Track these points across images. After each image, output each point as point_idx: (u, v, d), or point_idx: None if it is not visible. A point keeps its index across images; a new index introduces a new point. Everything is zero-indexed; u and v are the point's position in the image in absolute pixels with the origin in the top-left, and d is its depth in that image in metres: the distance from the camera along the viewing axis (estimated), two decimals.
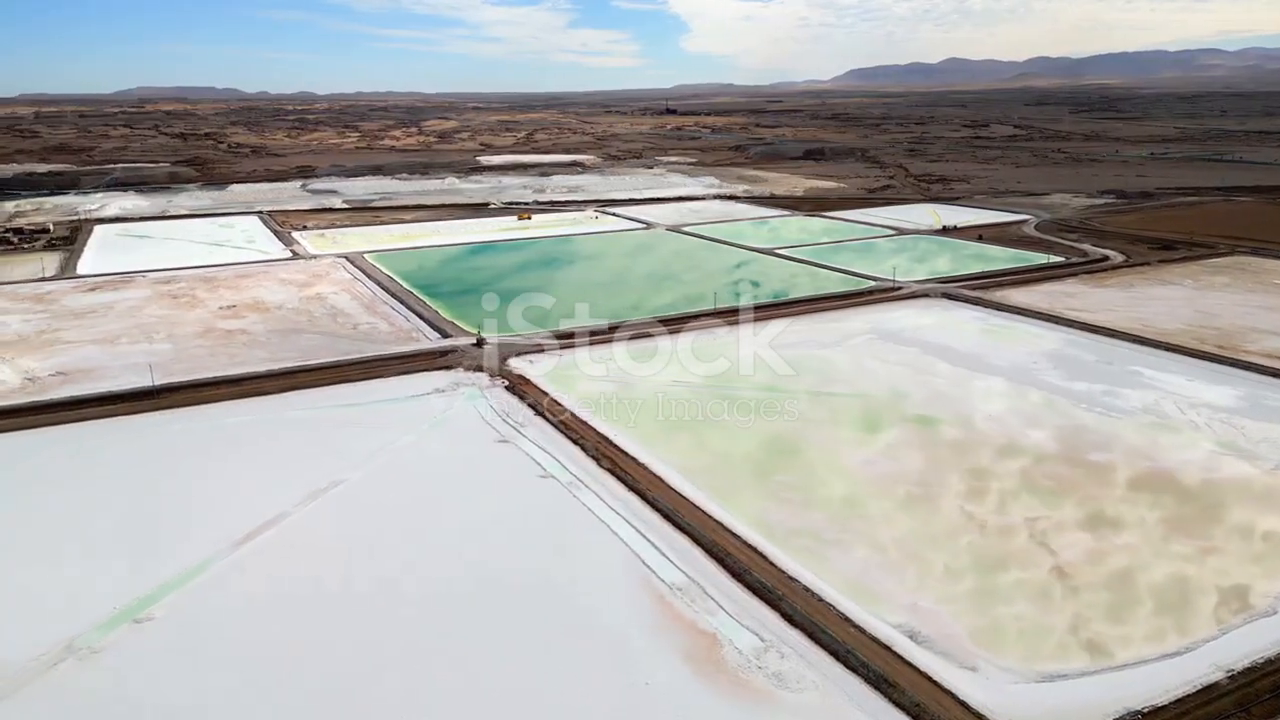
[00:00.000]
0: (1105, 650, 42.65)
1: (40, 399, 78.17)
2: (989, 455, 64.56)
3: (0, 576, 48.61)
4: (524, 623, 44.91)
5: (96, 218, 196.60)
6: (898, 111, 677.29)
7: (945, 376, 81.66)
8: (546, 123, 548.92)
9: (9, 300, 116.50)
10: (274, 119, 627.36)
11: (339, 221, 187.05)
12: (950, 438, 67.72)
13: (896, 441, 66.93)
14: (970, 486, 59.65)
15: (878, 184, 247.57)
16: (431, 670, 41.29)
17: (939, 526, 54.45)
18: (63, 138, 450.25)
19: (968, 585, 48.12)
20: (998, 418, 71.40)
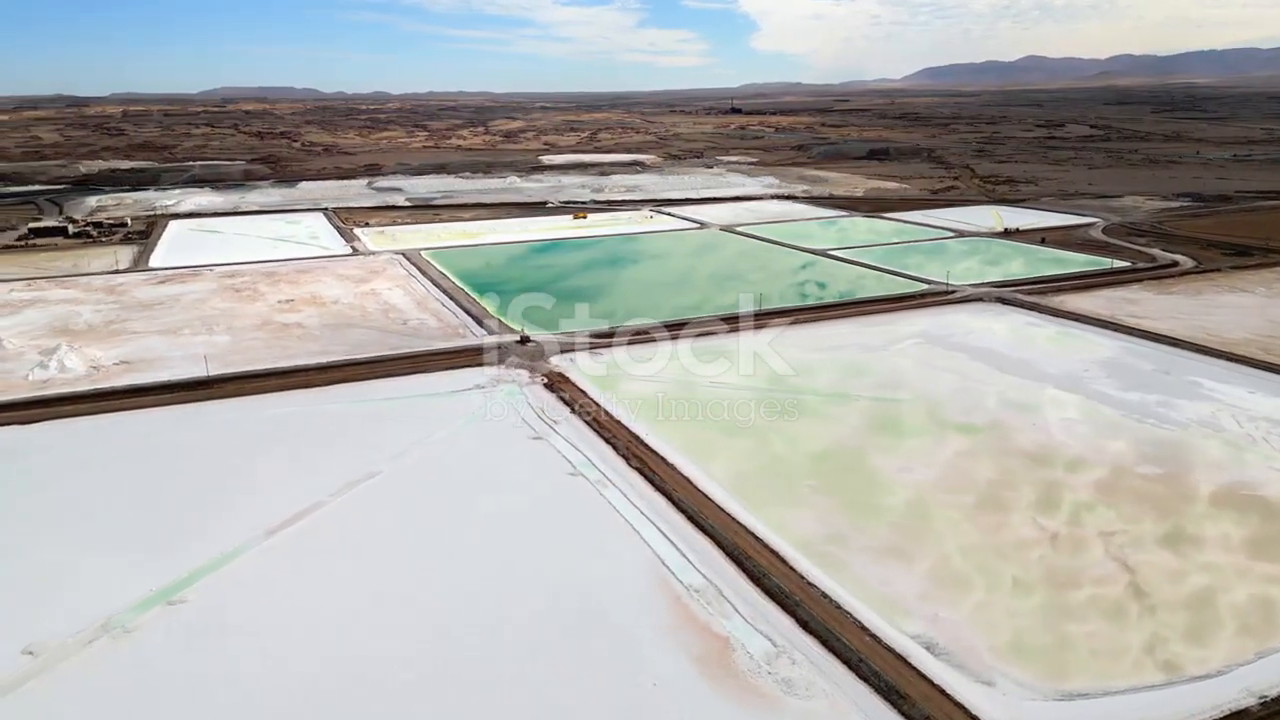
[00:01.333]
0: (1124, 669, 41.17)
1: (102, 386, 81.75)
2: (1022, 464, 62.79)
3: (44, 557, 50.99)
4: (537, 618, 45.32)
5: (172, 213, 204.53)
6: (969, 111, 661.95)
7: (990, 383, 79.63)
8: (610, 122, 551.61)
9: (83, 291, 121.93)
10: (347, 118, 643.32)
11: (400, 219, 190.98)
12: (984, 446, 66.04)
13: (928, 449, 65.55)
14: (996, 496, 58.11)
15: (941, 185, 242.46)
16: (440, 659, 41.98)
17: (963, 536, 53.18)
18: (147, 136, 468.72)
19: (989, 597, 46.92)
20: (1040, 427, 69.36)
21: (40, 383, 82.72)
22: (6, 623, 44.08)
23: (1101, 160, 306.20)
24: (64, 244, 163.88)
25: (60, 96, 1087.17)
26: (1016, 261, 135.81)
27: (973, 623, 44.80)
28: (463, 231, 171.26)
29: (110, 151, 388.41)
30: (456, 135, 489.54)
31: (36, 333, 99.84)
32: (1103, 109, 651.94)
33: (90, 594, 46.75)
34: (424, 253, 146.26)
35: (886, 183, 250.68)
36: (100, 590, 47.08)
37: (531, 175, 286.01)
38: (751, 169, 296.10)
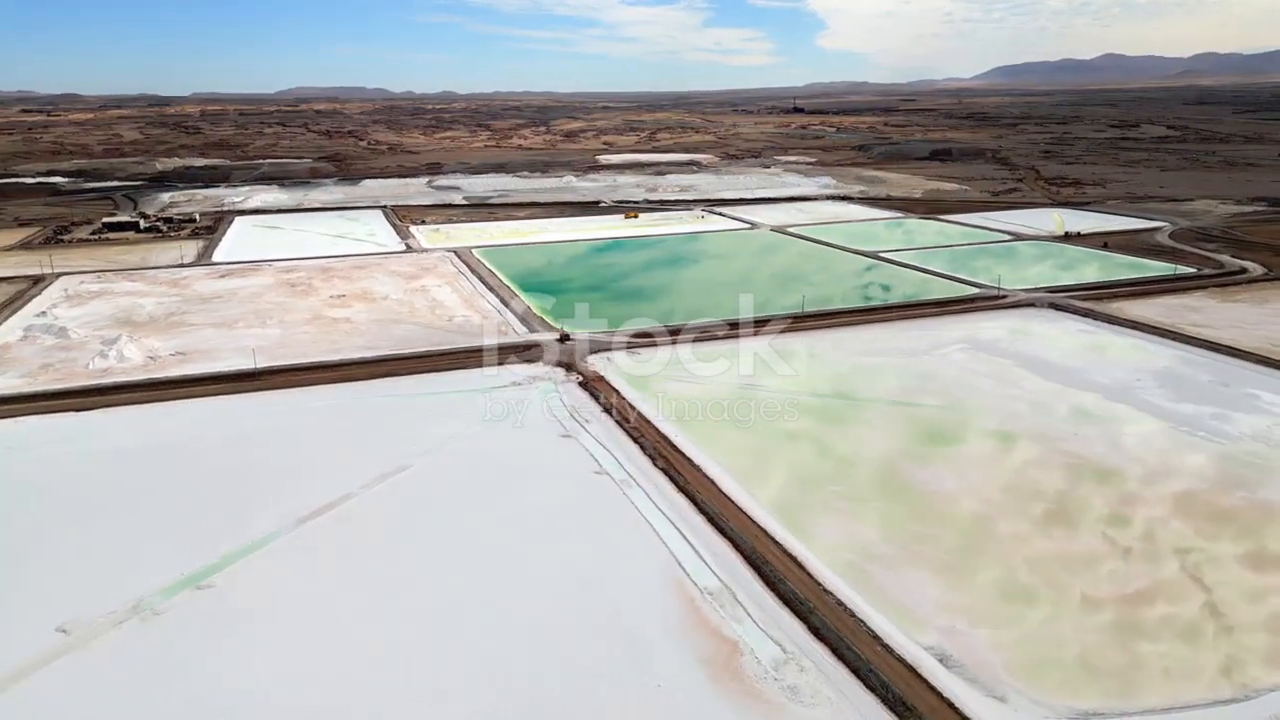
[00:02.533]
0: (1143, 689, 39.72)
1: (157, 376, 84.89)
2: (1057, 475, 60.97)
3: (83, 540, 53.24)
4: (548, 615, 45.67)
5: (239, 209, 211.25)
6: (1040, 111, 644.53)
7: (1033, 391, 77.53)
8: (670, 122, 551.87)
9: (149, 284, 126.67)
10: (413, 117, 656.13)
11: (455, 217, 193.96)
12: (1019, 456, 64.35)
13: (961, 457, 64.15)
14: (1023, 508, 56.55)
15: (1004, 187, 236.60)
16: (447, 650, 42.61)
17: (987, 547, 51.92)
18: (222, 134, 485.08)
19: (1011, 611, 45.73)
20: (1081, 437, 67.29)
21: (100, 371, 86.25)
22: (43, 601, 46.13)
23: (1175, 162, 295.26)
24: (135, 238, 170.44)
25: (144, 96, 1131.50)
26: (1074, 266, 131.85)
27: (991, 636, 43.72)
28: (514, 230, 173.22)
29: (186, 149, 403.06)
30: (518, 135, 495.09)
31: (101, 323, 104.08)
32: (1181, 109, 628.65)
33: (124, 576, 48.62)
34: (475, 251, 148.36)
35: (946, 184, 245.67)
36: (133, 573, 48.93)
37: (588, 174, 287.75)
38: (809, 169, 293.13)
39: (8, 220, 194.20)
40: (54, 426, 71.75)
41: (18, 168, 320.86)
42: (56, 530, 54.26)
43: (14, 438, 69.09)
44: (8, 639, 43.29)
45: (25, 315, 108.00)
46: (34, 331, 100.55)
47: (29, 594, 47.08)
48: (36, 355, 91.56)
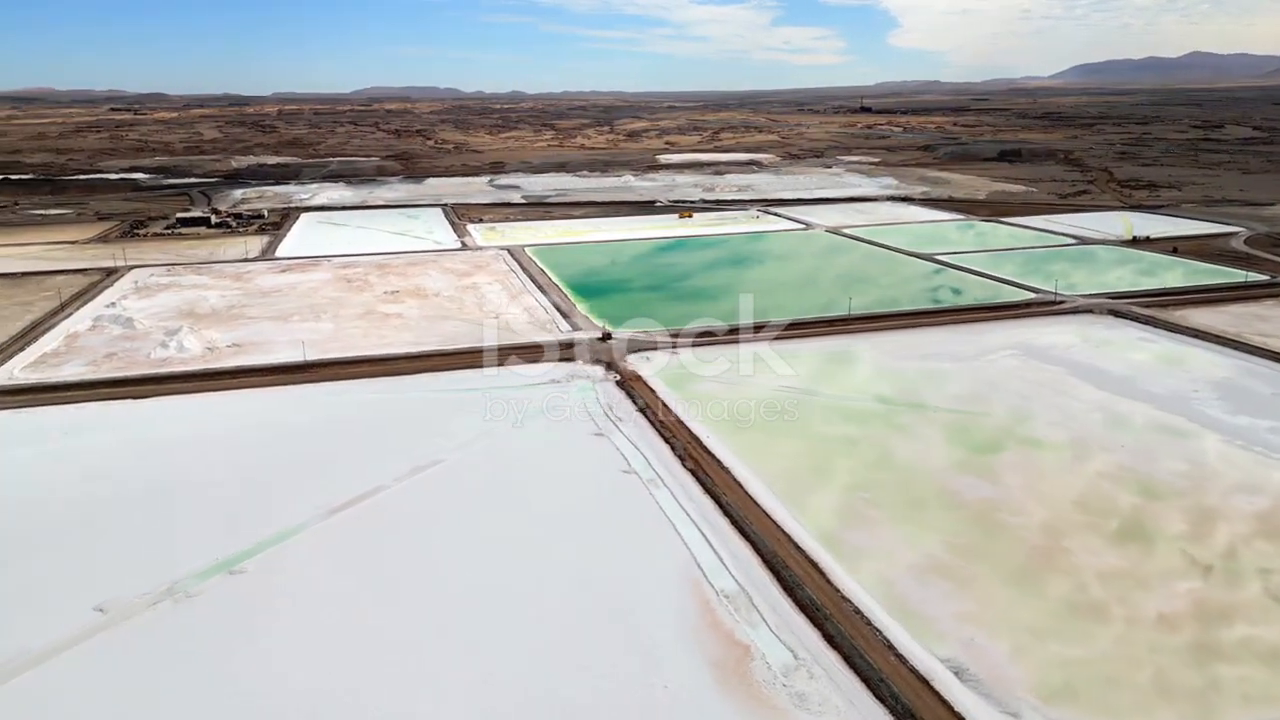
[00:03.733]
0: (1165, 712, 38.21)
1: (213, 366, 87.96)
2: (1099, 487, 58.94)
3: (124, 523, 55.50)
4: (562, 612, 46.01)
5: (305, 206, 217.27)
6: (1119, 111, 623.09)
7: (1083, 400, 75.11)
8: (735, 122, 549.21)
9: (214, 278, 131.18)
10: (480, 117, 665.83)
11: (512, 216, 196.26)
12: (1061, 466, 62.42)
13: (998, 465, 62.51)
14: (1060, 519, 54.80)
15: (1073, 189, 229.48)
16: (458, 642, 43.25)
17: (1017, 560, 50.50)
18: (296, 133, 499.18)
19: (1033, 624, 44.42)
20: (1128, 448, 64.93)
21: (160, 361, 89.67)
22: (83, 581, 48.23)
23: (1259, 165, 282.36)
24: (206, 233, 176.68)
25: (227, 95, 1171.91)
26: (1139, 271, 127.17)
27: (1010, 650, 42.56)
28: (568, 229, 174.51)
29: (261, 147, 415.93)
30: (582, 134, 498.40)
31: (166, 315, 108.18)
32: (1270, 109, 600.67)
33: (161, 559, 50.52)
34: (528, 249, 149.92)
35: (1013, 186, 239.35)
36: (170, 556, 50.81)
37: (647, 174, 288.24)
38: (871, 169, 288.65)
39: (89, 215, 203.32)
40: (111, 414, 74.86)
41: (103, 164, 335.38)
42: (102, 513, 56.64)
43: (73, 423, 72.32)
44: (49, 616, 45.42)
45: (96, 306, 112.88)
46: (103, 321, 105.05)
47: (72, 574, 49.26)
48: (103, 344, 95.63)
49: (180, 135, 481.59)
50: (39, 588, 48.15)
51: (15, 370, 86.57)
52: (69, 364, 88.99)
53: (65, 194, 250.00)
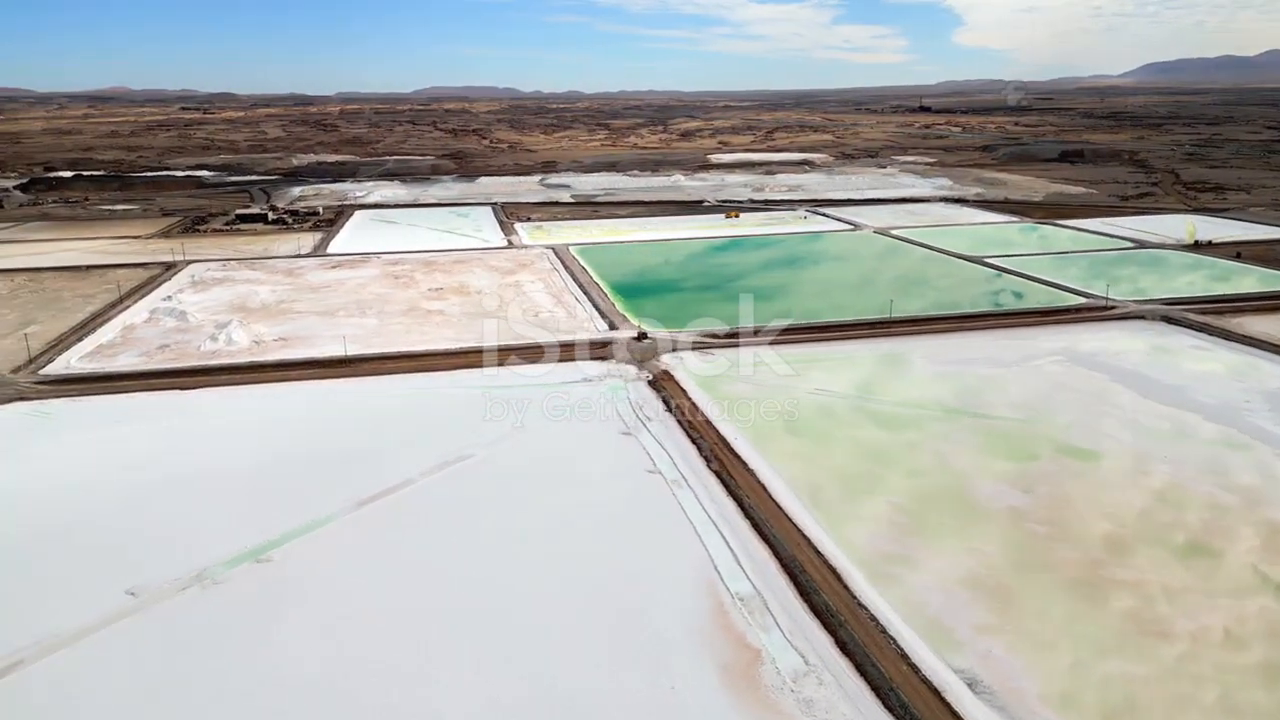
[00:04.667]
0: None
1: (258, 359, 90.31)
2: (1136, 499, 57.14)
3: (161, 510, 57.30)
4: (576, 608, 46.28)
5: (359, 203, 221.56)
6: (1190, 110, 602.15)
7: (1127, 409, 72.93)
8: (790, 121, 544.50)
9: (267, 273, 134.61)
10: (535, 117, 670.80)
11: (560, 215, 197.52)
12: (1097, 476, 60.66)
13: (1032, 474, 61.01)
14: (1092, 532, 53.26)
15: (1135, 191, 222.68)
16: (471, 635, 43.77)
17: (1044, 573, 49.27)
18: (356, 132, 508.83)
19: (1054, 639, 43.31)
20: (1171, 460, 62.85)
21: (209, 353, 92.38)
22: (116, 566, 49.96)
23: None
24: (262, 229, 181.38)
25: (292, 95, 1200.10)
26: (1197, 277, 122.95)
27: (1028, 664, 41.58)
28: (613, 228, 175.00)
29: (322, 146, 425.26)
30: (635, 134, 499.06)
31: (218, 309, 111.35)
32: None
33: (192, 547, 52.09)
34: (572, 248, 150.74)
35: (1072, 187, 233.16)
36: (201, 544, 52.34)
37: (697, 174, 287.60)
38: (926, 170, 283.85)
39: (154, 211, 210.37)
40: (158, 403, 77.38)
41: (171, 162, 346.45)
42: (141, 500, 58.62)
43: (121, 412, 74.96)
44: (83, 598, 47.17)
45: (153, 299, 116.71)
46: (158, 314, 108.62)
47: (106, 558, 51.06)
48: (157, 336, 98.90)
49: (245, 134, 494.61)
50: (77, 570, 50.03)
51: (72, 360, 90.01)
52: (123, 354, 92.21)
53: (133, 190, 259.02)
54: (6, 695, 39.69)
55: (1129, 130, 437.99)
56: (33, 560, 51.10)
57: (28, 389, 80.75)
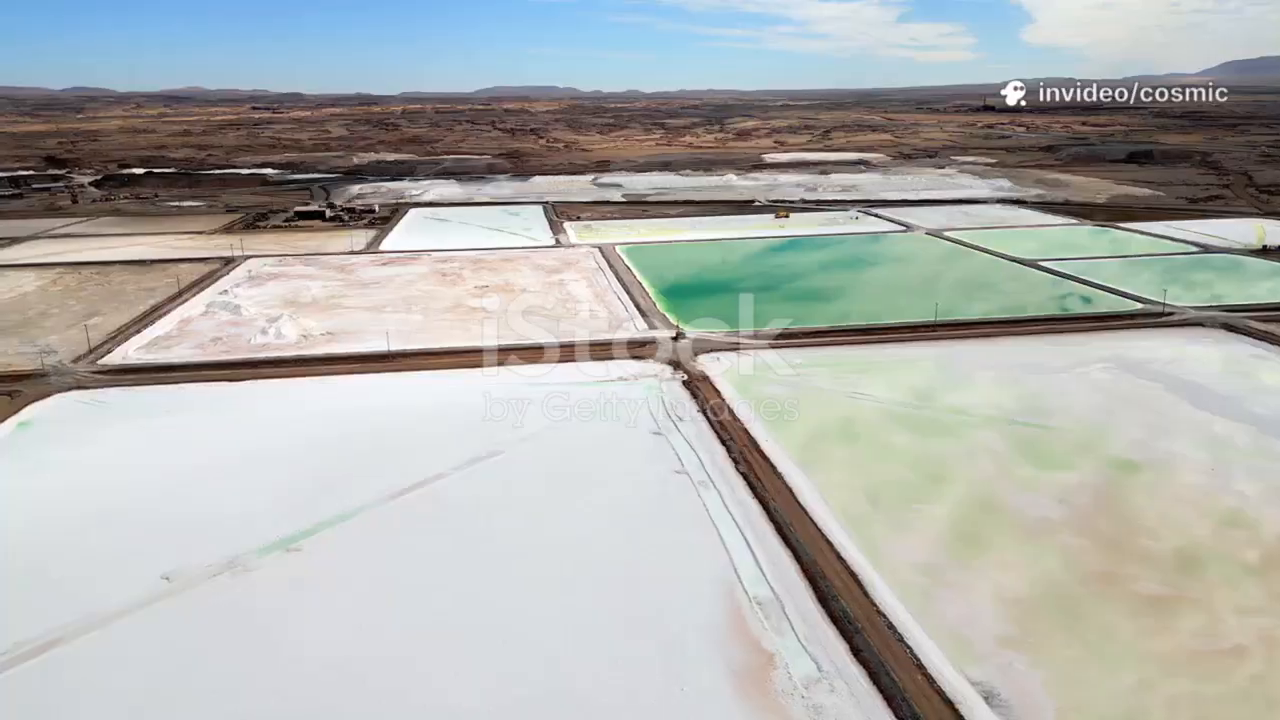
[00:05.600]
0: None
1: (304, 353, 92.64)
2: (1174, 512, 55.16)
3: (199, 499, 59.05)
4: (589, 607, 46.49)
5: (415, 201, 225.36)
6: (1270, 110, 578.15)
7: (1175, 419, 70.50)
8: (848, 121, 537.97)
9: (320, 269, 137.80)
10: (593, 116, 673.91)
11: (610, 214, 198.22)
12: (1137, 487, 58.74)
13: (1069, 484, 59.32)
14: (1128, 544, 51.58)
15: (1204, 194, 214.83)
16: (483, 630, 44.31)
17: (1075, 587, 47.92)
18: (417, 131, 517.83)
19: (1080, 654, 42.11)
20: (1218, 473, 60.56)
21: (259, 346, 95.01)
22: (153, 551, 51.64)
23: None
24: (319, 226, 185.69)
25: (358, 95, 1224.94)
26: (1264, 283, 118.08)
27: (1050, 679, 40.49)
28: (661, 228, 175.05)
29: (383, 145, 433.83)
30: (691, 133, 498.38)
31: (270, 303, 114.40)
32: None
33: (225, 535, 53.57)
34: (618, 247, 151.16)
35: (1138, 189, 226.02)
36: (235, 532, 53.81)
37: (750, 173, 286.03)
38: (986, 170, 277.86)
39: (219, 207, 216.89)
40: (205, 395, 79.87)
41: (238, 160, 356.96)
42: (182, 487, 60.56)
43: (171, 402, 77.55)
44: (121, 581, 48.90)
45: (210, 293, 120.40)
46: (214, 308, 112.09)
47: (145, 544, 52.84)
48: (211, 329, 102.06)
49: (310, 133, 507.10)
50: (116, 554, 51.91)
51: (130, 351, 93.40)
52: (178, 346, 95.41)
53: (201, 187, 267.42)
54: (40, 672, 41.44)
55: (1203, 131, 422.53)
56: (76, 544, 53.18)
57: (85, 378, 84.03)
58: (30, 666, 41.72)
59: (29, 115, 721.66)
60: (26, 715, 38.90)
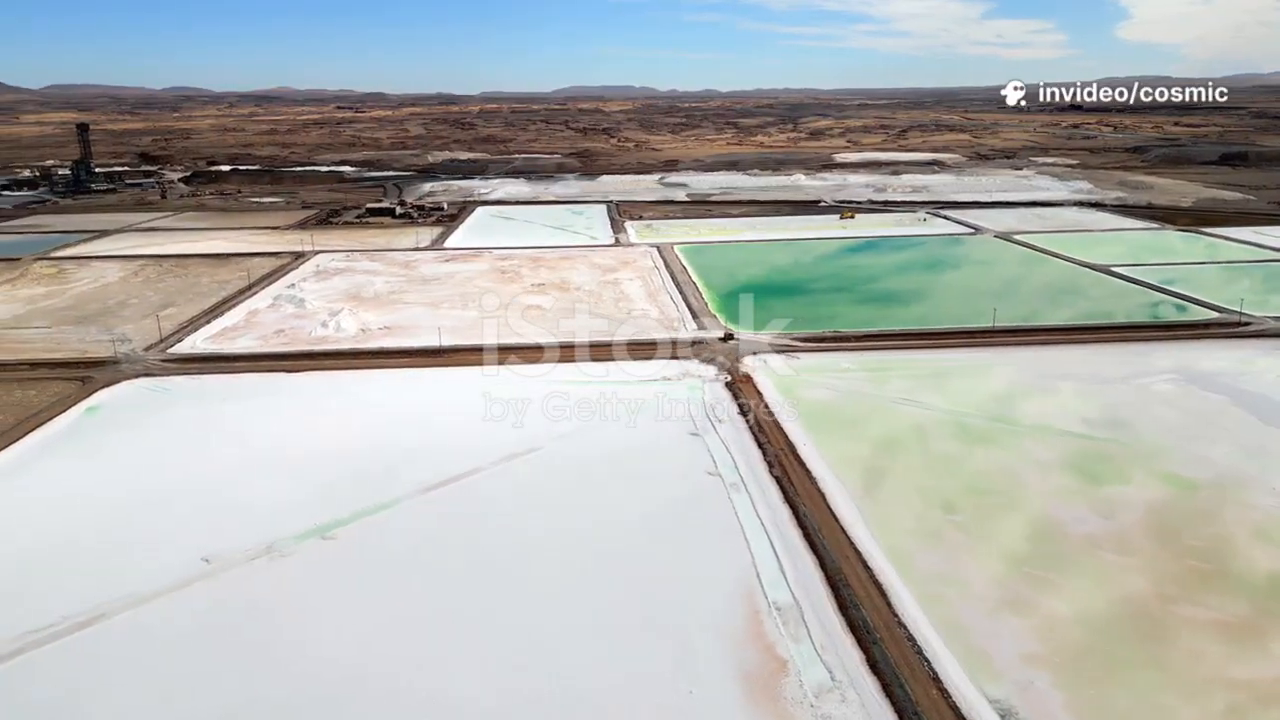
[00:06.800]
0: None
1: (360, 346, 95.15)
2: (1230, 532, 52.50)
3: (243, 485, 61.19)
4: (610, 606, 46.65)
5: (483, 199, 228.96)
6: None
7: (1241, 435, 67.12)
8: (925, 121, 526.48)
9: (385, 265, 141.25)
10: (665, 116, 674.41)
11: (672, 213, 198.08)
12: (1191, 506, 56.10)
13: (1118, 500, 57.04)
14: (1170, 566, 49.29)
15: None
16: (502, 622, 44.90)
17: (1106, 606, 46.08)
18: (491, 131, 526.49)
19: (1106, 676, 40.49)
20: (1275, 491, 57.44)
21: (318, 339, 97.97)
22: (195, 535, 53.83)
23: None
24: (389, 223, 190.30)
25: (438, 95, 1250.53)
26: None
27: (1072, 701, 39.06)
28: (721, 228, 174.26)
29: (458, 144, 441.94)
30: (763, 133, 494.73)
31: (334, 297, 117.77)
32: None
33: (264, 521, 55.52)
34: (676, 247, 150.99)
35: (1227, 193, 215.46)
36: (273, 519, 55.72)
37: (819, 173, 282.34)
38: (1065, 172, 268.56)
39: (296, 203, 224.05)
40: (263, 384, 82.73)
41: (319, 157, 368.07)
42: (229, 473, 62.94)
43: (230, 390, 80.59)
44: (165, 560, 51.11)
45: (279, 286, 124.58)
46: (280, 301, 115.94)
47: (189, 526, 55.09)
48: (275, 321, 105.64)
49: (389, 132, 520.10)
50: (163, 535, 54.27)
51: (198, 341, 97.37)
52: (243, 337, 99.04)
53: (281, 184, 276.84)
54: (83, 643, 43.63)
55: None
56: (124, 524, 55.77)
57: (154, 366, 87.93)
58: (73, 640, 43.94)
59: (129, 114, 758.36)
60: (67, 686, 40.98)
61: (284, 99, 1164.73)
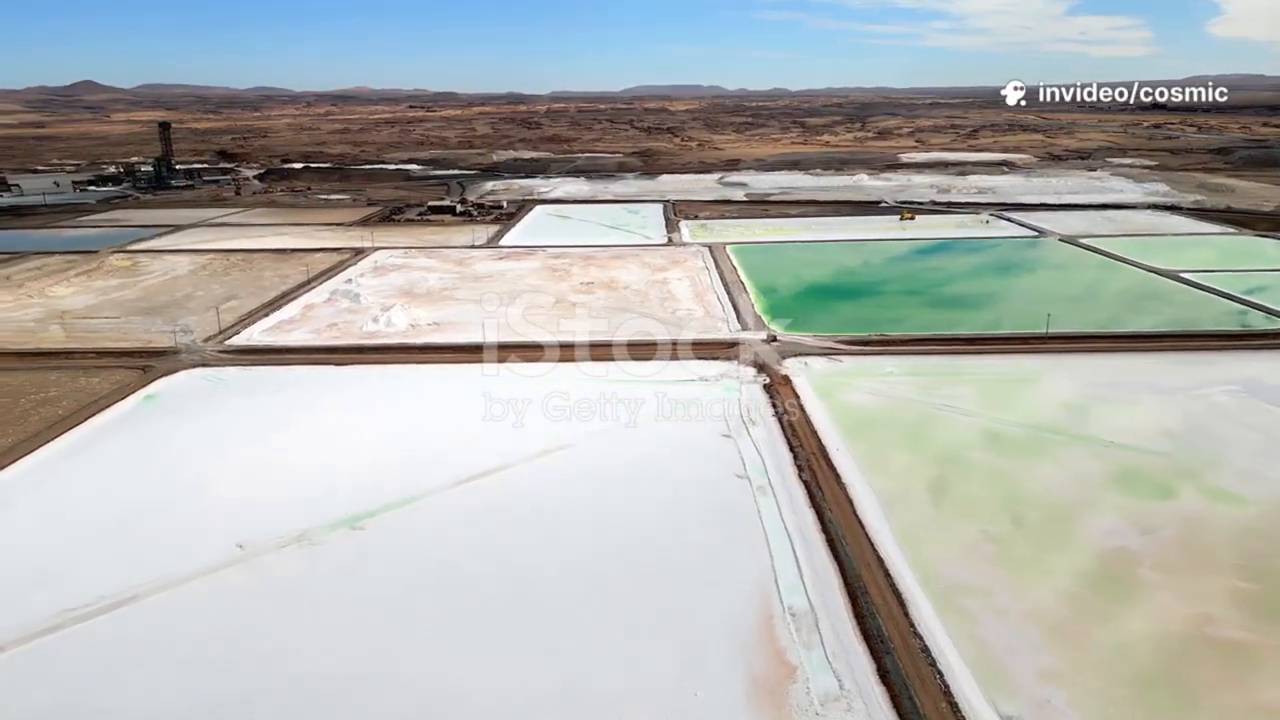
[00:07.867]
0: None
1: (408, 341, 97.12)
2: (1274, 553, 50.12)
3: (282, 473, 63.01)
4: (622, 606, 46.77)
5: (542, 198, 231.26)
6: None
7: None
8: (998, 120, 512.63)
9: (440, 261, 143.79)
10: (731, 115, 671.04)
11: (728, 213, 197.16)
12: (1238, 523, 53.65)
13: (1159, 514, 54.85)
14: (1211, 586, 47.17)
15: None
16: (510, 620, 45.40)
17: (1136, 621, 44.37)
18: (556, 130, 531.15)
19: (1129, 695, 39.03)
20: None
21: (369, 334, 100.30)
22: (229, 522, 55.64)
23: None
24: (449, 221, 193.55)
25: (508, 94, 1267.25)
26: None
27: None
28: (777, 228, 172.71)
29: (523, 143, 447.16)
30: (829, 132, 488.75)
31: (388, 292, 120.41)
32: None
33: (298, 511, 57.05)
34: (728, 247, 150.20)
35: None
36: (306, 509, 57.21)
37: (883, 173, 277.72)
38: (1142, 174, 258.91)
39: (362, 200, 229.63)
40: (312, 377, 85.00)
41: (387, 156, 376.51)
42: (269, 462, 64.93)
43: (280, 382, 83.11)
44: (199, 547, 52.94)
45: (336, 281, 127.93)
46: (336, 295, 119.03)
47: (224, 514, 56.86)
48: (330, 315, 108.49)
49: (457, 131, 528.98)
50: (201, 520, 56.26)
51: (255, 333, 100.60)
52: (298, 330, 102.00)
53: (350, 181, 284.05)
54: (111, 625, 45.55)
55: None
56: (166, 509, 57.97)
57: (211, 357, 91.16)
58: (104, 620, 45.92)
59: (212, 113, 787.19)
60: (96, 665, 42.85)
61: (360, 99, 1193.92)
